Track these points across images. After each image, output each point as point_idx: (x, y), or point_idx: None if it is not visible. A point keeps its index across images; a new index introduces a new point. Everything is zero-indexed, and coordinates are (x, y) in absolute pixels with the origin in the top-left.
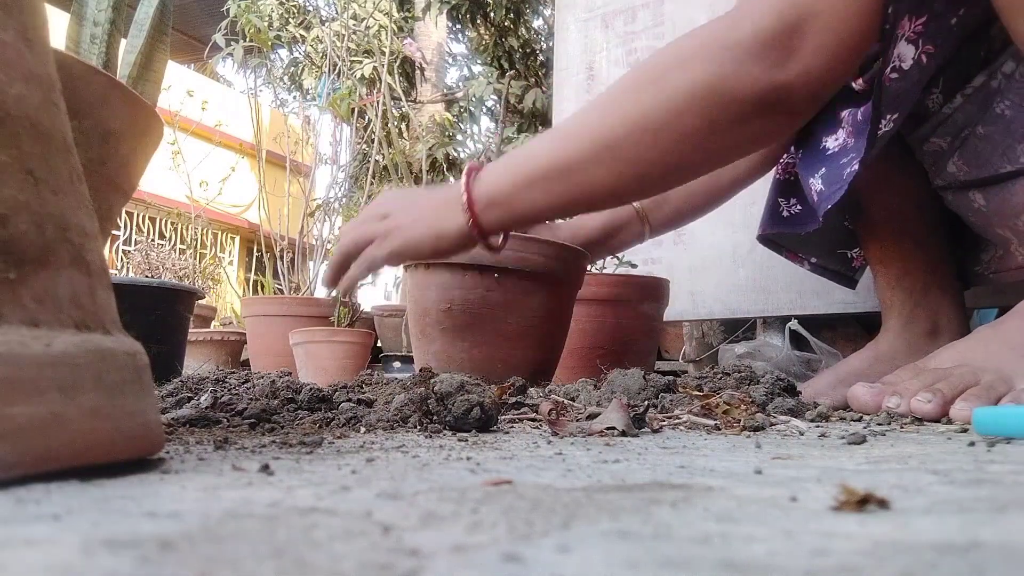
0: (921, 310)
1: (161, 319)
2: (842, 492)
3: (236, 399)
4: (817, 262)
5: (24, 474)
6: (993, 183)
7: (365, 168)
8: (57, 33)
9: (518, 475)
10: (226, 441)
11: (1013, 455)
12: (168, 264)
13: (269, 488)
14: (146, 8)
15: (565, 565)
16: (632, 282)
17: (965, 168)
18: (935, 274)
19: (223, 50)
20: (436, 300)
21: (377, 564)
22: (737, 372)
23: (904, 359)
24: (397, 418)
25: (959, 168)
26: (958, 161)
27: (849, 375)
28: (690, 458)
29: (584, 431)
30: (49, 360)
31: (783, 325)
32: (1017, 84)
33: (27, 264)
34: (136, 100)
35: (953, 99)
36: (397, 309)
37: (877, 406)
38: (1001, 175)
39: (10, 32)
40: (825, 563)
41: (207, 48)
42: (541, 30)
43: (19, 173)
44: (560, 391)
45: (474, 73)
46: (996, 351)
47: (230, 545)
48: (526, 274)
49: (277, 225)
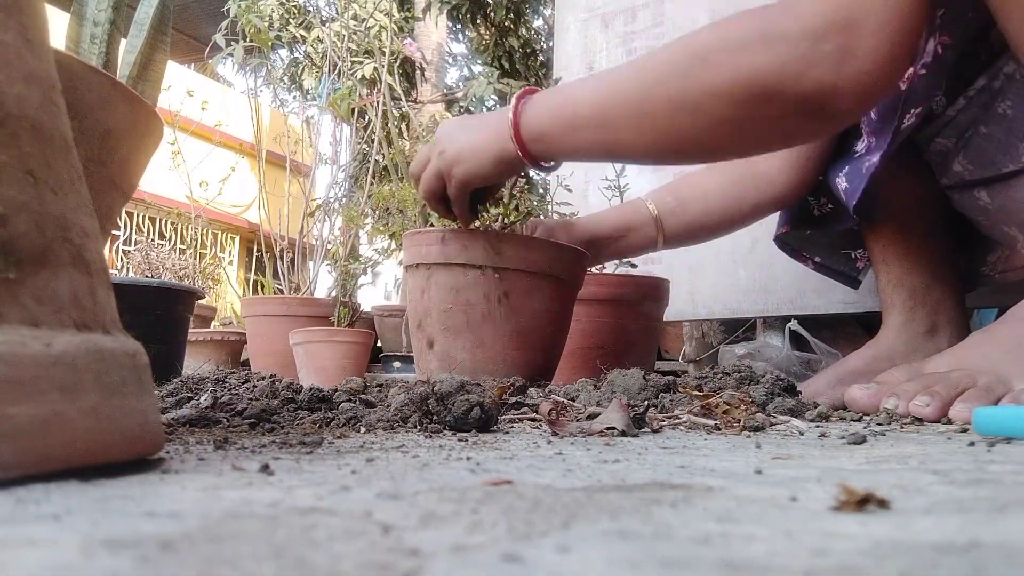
0: (921, 309)
1: (161, 319)
2: (842, 492)
3: (236, 399)
4: (821, 261)
5: (24, 474)
6: (997, 181)
7: (365, 168)
8: (57, 33)
9: (518, 475)
10: (226, 441)
11: (1013, 455)
12: (168, 264)
13: (269, 488)
14: (146, 8)
15: (565, 565)
16: (632, 282)
17: (970, 167)
18: (936, 274)
19: (223, 50)
20: (437, 300)
21: (377, 564)
22: (737, 372)
23: (903, 358)
24: (397, 418)
25: (964, 167)
26: (963, 160)
27: (848, 374)
28: (690, 458)
29: (584, 431)
30: (49, 360)
31: (783, 325)
32: (1018, 84)
33: (27, 264)
34: (136, 100)
35: (956, 102)
36: (397, 309)
37: (875, 407)
38: (1005, 174)
39: (10, 32)
40: (825, 563)
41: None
42: (541, 30)
43: (19, 173)
44: (560, 391)
45: (474, 73)
46: (991, 354)
47: (230, 545)
48: (527, 275)
49: (277, 225)
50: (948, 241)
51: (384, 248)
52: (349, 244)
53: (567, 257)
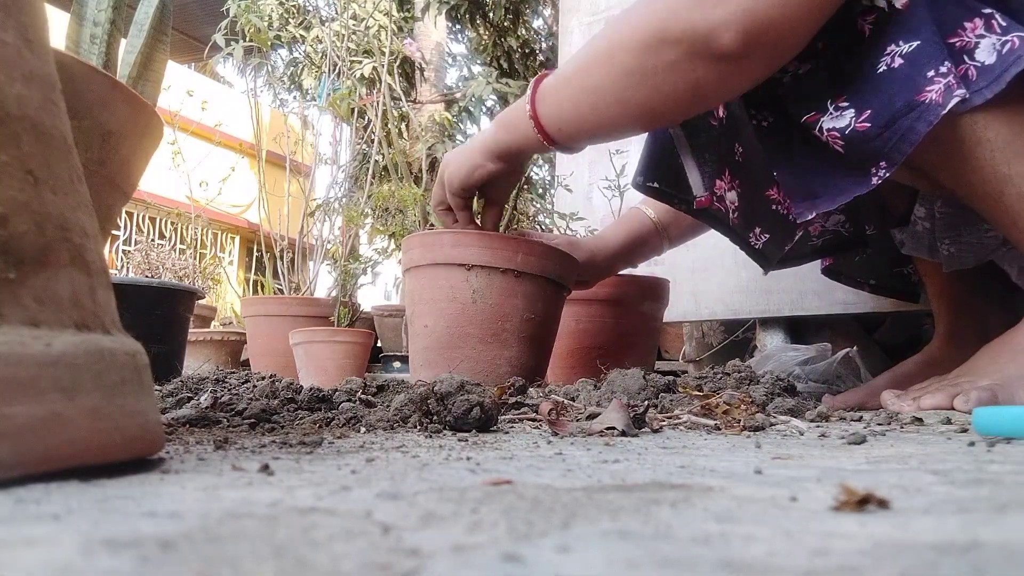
0: (965, 317)
1: (161, 319)
2: (842, 492)
3: (236, 399)
4: (877, 284)
5: (24, 474)
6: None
7: (365, 168)
8: (57, 33)
9: (518, 475)
10: (226, 441)
11: (1013, 455)
12: (168, 264)
13: (269, 488)
14: (146, 8)
15: (565, 565)
16: (632, 282)
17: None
18: (978, 283)
19: (223, 50)
20: (435, 300)
21: (377, 564)
22: (737, 372)
23: (954, 365)
24: (397, 418)
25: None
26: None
27: (901, 379)
28: (690, 458)
29: (584, 431)
30: (49, 360)
31: (783, 325)
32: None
33: (27, 264)
34: (136, 100)
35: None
36: (397, 309)
37: (900, 411)
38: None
39: (10, 32)
40: (825, 563)
41: (207, 48)
42: (541, 30)
43: (19, 173)
44: (560, 391)
45: (474, 73)
46: (1000, 360)
47: (230, 545)
48: (520, 275)
49: (277, 225)
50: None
51: (384, 248)
52: (349, 244)
53: (559, 259)
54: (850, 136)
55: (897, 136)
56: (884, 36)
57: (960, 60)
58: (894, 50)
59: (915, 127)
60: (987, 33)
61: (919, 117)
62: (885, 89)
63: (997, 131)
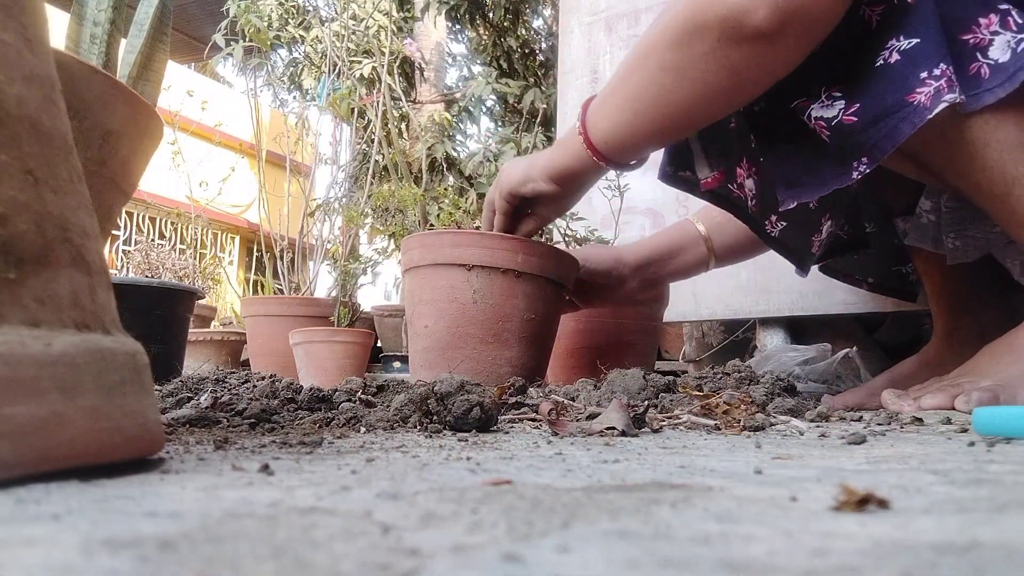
0: (964, 317)
1: (161, 319)
2: (842, 492)
3: (236, 399)
4: (874, 282)
5: (24, 474)
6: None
7: (365, 168)
8: (57, 33)
9: (518, 475)
10: (226, 441)
11: (1013, 455)
12: (168, 264)
13: (269, 488)
14: (146, 8)
15: (565, 565)
16: None
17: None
18: (977, 281)
19: (223, 50)
20: (435, 300)
21: (377, 564)
22: (737, 372)
23: (953, 364)
24: (397, 418)
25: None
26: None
27: (899, 379)
28: (690, 458)
29: (584, 431)
30: (49, 360)
31: (782, 325)
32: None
33: (27, 264)
34: (136, 100)
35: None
36: (397, 309)
37: (899, 411)
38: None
39: (10, 32)
40: (825, 563)
41: (207, 48)
42: (540, 30)
43: (19, 173)
44: (560, 391)
45: (473, 73)
46: (1003, 360)
47: (230, 545)
48: (520, 275)
49: (277, 225)
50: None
51: (384, 248)
52: (349, 244)
53: (560, 260)
54: (836, 127)
55: (880, 134)
56: (888, 29)
57: (973, 57)
58: (894, 44)
59: (900, 127)
60: (1002, 30)
61: (905, 118)
62: (878, 84)
63: (1007, 132)
